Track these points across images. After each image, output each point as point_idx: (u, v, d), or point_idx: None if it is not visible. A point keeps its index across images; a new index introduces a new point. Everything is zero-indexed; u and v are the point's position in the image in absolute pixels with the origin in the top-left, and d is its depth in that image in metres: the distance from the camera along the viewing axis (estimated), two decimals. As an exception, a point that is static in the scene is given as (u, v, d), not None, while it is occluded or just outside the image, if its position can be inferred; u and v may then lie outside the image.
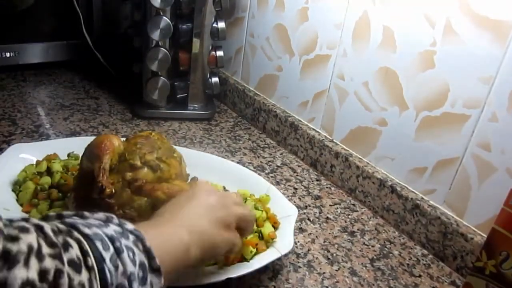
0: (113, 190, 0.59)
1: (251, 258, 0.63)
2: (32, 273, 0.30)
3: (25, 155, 0.76)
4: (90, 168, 0.62)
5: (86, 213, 0.41)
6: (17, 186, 0.70)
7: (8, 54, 1.13)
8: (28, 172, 0.72)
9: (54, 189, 0.69)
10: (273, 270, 0.67)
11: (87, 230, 0.36)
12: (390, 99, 0.81)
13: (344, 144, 0.92)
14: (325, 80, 0.93)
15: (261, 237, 0.66)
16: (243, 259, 0.63)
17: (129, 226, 0.41)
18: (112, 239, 0.37)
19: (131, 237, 0.40)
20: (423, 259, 0.75)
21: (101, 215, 0.41)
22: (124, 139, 0.71)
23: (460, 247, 0.72)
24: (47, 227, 0.34)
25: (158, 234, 0.46)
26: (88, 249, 0.35)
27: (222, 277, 0.59)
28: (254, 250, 0.63)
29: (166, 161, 0.67)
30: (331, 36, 0.90)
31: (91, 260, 0.34)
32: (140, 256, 0.39)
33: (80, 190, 0.62)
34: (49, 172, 0.73)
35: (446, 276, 0.72)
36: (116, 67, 1.22)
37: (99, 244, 0.36)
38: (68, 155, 0.79)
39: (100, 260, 0.35)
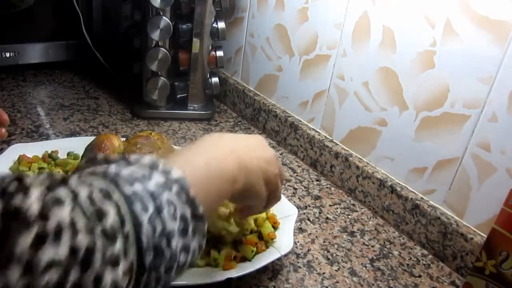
0: (113, 190, 0.59)
1: (252, 258, 0.63)
2: (61, 252, 0.29)
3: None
4: (90, 168, 0.62)
5: (132, 159, 0.39)
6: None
7: (8, 54, 1.13)
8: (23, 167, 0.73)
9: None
10: (273, 270, 0.67)
11: (127, 189, 0.35)
12: (390, 99, 0.81)
13: (344, 144, 0.92)
14: (325, 80, 0.93)
15: (261, 237, 0.66)
16: (244, 258, 0.63)
17: (174, 173, 0.39)
18: (153, 196, 0.36)
19: (174, 188, 0.38)
20: (423, 259, 0.75)
21: (146, 160, 0.39)
22: (124, 139, 0.71)
23: (460, 247, 0.72)
24: (83, 194, 0.32)
25: (208, 166, 0.44)
26: (126, 214, 0.34)
27: (222, 277, 0.59)
28: (255, 249, 0.63)
29: (166, 161, 0.67)
30: (331, 36, 0.90)
31: (128, 226, 0.33)
32: (182, 209, 0.38)
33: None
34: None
35: (446, 276, 0.72)
36: (116, 67, 1.22)
37: (137, 206, 0.35)
38: (68, 155, 0.79)
39: (137, 223, 0.34)
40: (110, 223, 0.32)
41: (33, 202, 0.29)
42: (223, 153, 0.48)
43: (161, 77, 1.03)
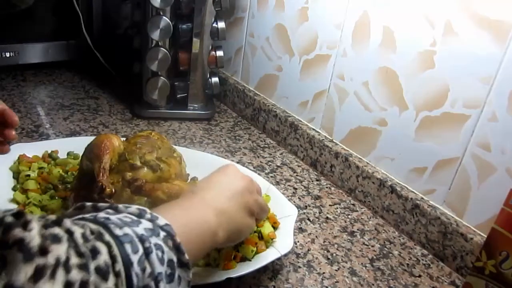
0: (113, 190, 0.59)
1: (252, 257, 0.63)
2: (57, 286, 0.30)
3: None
4: (90, 167, 0.62)
5: (120, 207, 0.41)
6: (17, 186, 0.70)
7: (8, 54, 1.13)
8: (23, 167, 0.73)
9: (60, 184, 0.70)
10: (273, 270, 0.67)
11: (117, 231, 0.37)
12: (390, 99, 0.81)
13: (344, 144, 0.92)
14: (325, 80, 0.93)
15: (261, 237, 0.66)
16: (244, 258, 0.63)
17: (161, 221, 0.41)
18: (142, 239, 0.38)
19: (162, 233, 0.40)
20: (423, 259, 0.75)
21: (134, 209, 0.42)
22: (124, 139, 0.71)
23: (460, 247, 0.72)
24: (78, 233, 0.34)
25: (187, 219, 0.47)
26: (117, 254, 0.35)
27: (222, 277, 0.59)
28: (255, 249, 0.63)
29: (166, 161, 0.67)
30: (331, 36, 0.90)
31: (119, 265, 0.35)
32: (169, 254, 0.40)
33: (80, 190, 0.62)
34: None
35: (446, 276, 0.72)
36: (116, 67, 1.22)
37: (128, 247, 0.36)
38: (68, 155, 0.79)
39: (128, 264, 0.36)
40: (102, 261, 0.34)
41: (34, 235, 0.31)
42: (200, 208, 0.50)
43: (161, 77, 1.04)
